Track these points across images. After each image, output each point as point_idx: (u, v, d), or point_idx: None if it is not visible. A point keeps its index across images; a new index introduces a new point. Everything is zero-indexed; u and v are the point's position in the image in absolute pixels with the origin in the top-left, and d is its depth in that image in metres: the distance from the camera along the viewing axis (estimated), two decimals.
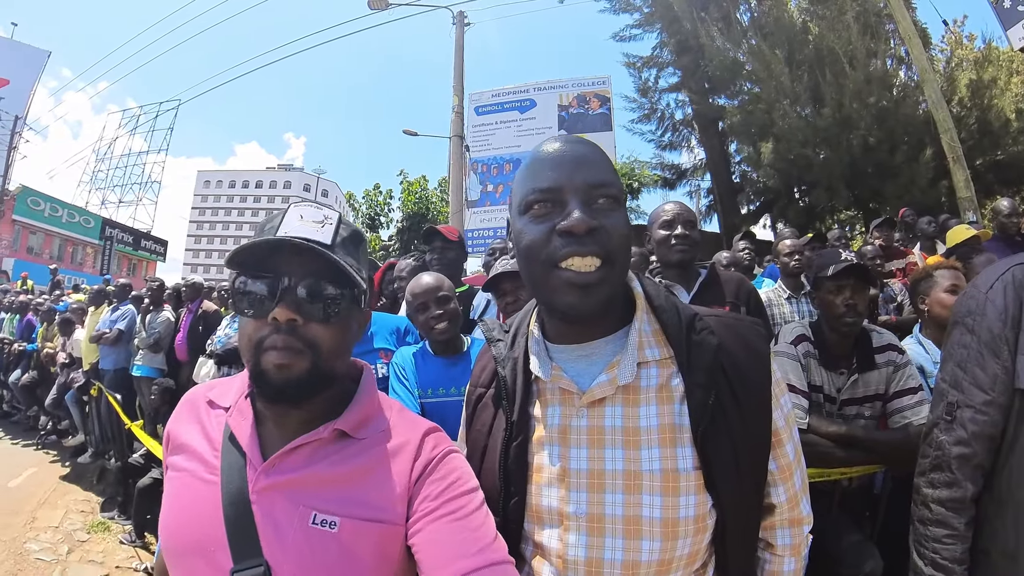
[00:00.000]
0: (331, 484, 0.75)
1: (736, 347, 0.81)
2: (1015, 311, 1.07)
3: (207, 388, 0.90)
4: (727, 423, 0.76)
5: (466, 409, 0.98)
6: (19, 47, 24.17)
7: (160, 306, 5.60)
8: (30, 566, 3.71)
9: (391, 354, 2.12)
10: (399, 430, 0.82)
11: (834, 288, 1.94)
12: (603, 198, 0.75)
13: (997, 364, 1.07)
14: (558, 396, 0.83)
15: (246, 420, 0.79)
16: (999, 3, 7.60)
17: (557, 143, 0.81)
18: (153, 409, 5.02)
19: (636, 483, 0.75)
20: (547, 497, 0.80)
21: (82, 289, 9.81)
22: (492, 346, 0.93)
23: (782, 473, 0.84)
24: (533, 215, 0.77)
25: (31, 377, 7.08)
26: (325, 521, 0.72)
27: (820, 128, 9.76)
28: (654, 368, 0.80)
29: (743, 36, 11.34)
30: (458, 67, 14.93)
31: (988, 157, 9.53)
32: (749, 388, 0.79)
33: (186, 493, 0.79)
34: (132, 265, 29.18)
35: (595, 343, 0.82)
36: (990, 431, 1.08)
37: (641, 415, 0.77)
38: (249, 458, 0.76)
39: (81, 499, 5.12)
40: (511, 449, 0.83)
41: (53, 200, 24.73)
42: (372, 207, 18.17)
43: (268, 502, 0.74)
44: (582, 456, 0.78)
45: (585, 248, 0.72)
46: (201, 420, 0.85)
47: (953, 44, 11.07)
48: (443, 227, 2.98)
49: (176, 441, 0.85)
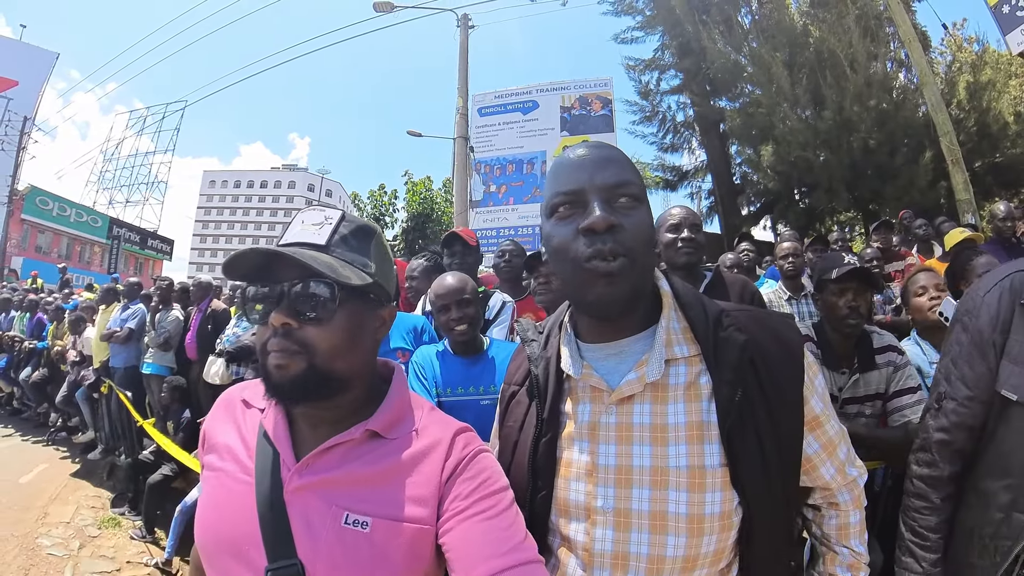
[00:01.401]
0: (364, 484, 0.76)
1: (767, 341, 0.82)
2: (1007, 317, 1.13)
3: (242, 388, 0.92)
4: (754, 420, 0.78)
5: (500, 405, 1.01)
6: (28, 49, 24.37)
7: (169, 305, 5.64)
8: (42, 561, 3.75)
9: (408, 353, 2.15)
10: (430, 430, 0.83)
11: (837, 291, 2.00)
12: (624, 197, 0.78)
13: (983, 364, 1.15)
14: (588, 393, 0.85)
15: (280, 421, 0.81)
16: (998, 8, 7.63)
17: (580, 148, 0.84)
18: (163, 407, 5.09)
19: (663, 479, 0.77)
20: (574, 491, 0.82)
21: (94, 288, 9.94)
22: (526, 346, 0.95)
23: (826, 450, 0.87)
24: (558, 217, 0.81)
25: (41, 374, 7.15)
26: (357, 521, 0.73)
27: (821, 130, 9.82)
28: (682, 365, 0.81)
29: (744, 39, 11.41)
30: (462, 69, 15.02)
31: (987, 159, 9.60)
32: (780, 383, 0.80)
33: (222, 492, 0.80)
34: (139, 264, 29.35)
35: (624, 341, 0.84)
36: (970, 423, 1.17)
37: (669, 412, 0.79)
38: (283, 458, 0.78)
39: (92, 495, 5.18)
40: (540, 444, 0.86)
41: (61, 200, 24.92)
42: (377, 207, 18.23)
43: (302, 502, 0.75)
44: (610, 452, 0.80)
45: (608, 246, 0.75)
46: (236, 420, 0.87)
47: (953, 47, 11.10)
48: (462, 231, 3.03)
49: (212, 440, 0.87)
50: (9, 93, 22.71)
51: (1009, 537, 1.09)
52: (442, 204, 17.68)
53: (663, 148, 14.32)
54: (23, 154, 22.45)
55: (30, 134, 22.91)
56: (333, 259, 0.77)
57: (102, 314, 6.38)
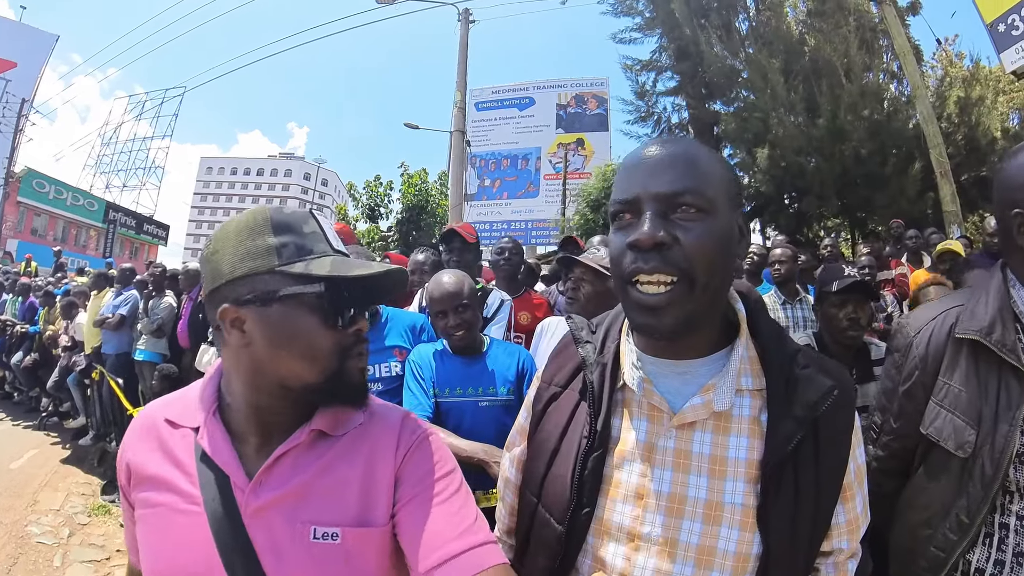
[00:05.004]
0: (323, 493, 0.73)
1: (832, 379, 0.76)
2: (935, 358, 1.12)
3: (162, 407, 0.83)
4: (802, 467, 0.73)
5: (534, 406, 0.92)
6: (27, 30, 24.17)
7: (162, 291, 5.61)
8: (31, 549, 3.72)
9: (405, 352, 2.09)
10: (375, 419, 0.81)
11: (838, 302, 2.02)
12: (685, 207, 0.70)
13: (911, 404, 1.16)
14: (645, 410, 0.78)
15: (221, 438, 0.74)
16: (994, 27, 7.71)
17: (649, 146, 0.75)
18: (155, 394, 5.02)
19: (717, 514, 0.72)
20: (619, 514, 0.76)
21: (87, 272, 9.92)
22: (579, 347, 0.86)
23: (849, 526, 0.78)
24: (617, 226, 0.75)
25: (33, 359, 7.16)
26: (327, 534, 0.71)
27: (814, 137, 9.92)
28: (747, 397, 0.75)
29: (741, 45, 11.50)
30: (462, 64, 14.98)
31: (973, 173, 9.73)
32: (832, 438, 0.75)
33: (168, 529, 0.73)
34: (134, 248, 29.32)
35: (690, 363, 0.77)
36: (901, 453, 1.21)
37: (731, 445, 0.74)
38: (233, 480, 0.72)
39: (82, 482, 5.15)
40: (590, 460, 0.78)
41: (58, 183, 24.83)
42: (372, 198, 18.24)
43: (264, 523, 0.71)
44: (665, 478, 0.75)
45: (650, 265, 0.68)
46: (164, 444, 0.78)
47: (944, 62, 11.23)
48: (461, 228, 2.92)
49: (140, 474, 0.77)
50: (8, 75, 22.51)
51: (928, 570, 1.12)
52: (437, 196, 17.72)
53: None
54: (20, 136, 22.31)
55: (28, 116, 22.75)
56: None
57: (94, 300, 6.34)
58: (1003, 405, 1.02)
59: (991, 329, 1.04)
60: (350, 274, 0.71)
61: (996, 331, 1.04)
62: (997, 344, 1.03)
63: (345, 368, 0.74)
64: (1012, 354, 1.01)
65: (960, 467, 1.06)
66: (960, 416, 1.06)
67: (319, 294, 0.72)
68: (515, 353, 2.04)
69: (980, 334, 1.05)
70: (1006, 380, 1.03)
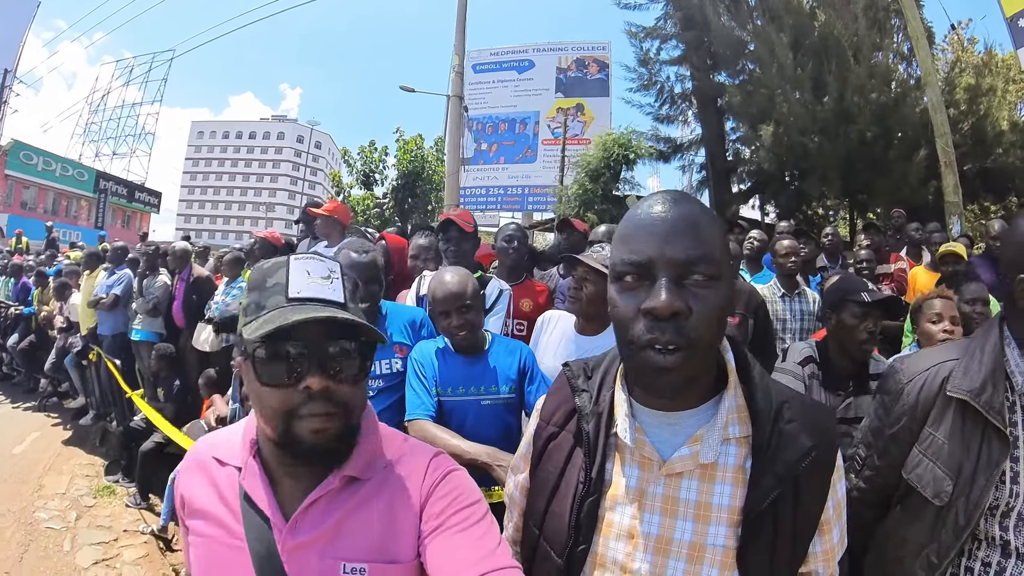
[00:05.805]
0: (352, 531, 0.79)
1: (823, 447, 0.80)
2: (924, 409, 1.17)
3: (211, 445, 0.92)
4: (781, 515, 0.77)
5: (534, 443, 0.97)
6: None
7: (156, 270, 5.51)
8: (41, 535, 3.79)
9: (406, 348, 2.10)
10: (404, 461, 0.86)
11: (860, 314, 1.95)
12: (698, 275, 0.72)
13: (895, 447, 1.22)
14: (637, 458, 0.83)
15: (260, 480, 0.81)
16: (1014, 21, 7.48)
17: (658, 203, 0.76)
18: (152, 374, 5.09)
19: (700, 555, 0.77)
20: (613, 550, 0.82)
21: (78, 246, 9.78)
22: (576, 396, 0.91)
23: (825, 555, 0.83)
24: (622, 286, 0.76)
25: (29, 341, 7.15)
26: (355, 569, 0.77)
27: (820, 117, 9.73)
28: (733, 446, 0.80)
29: (750, 16, 11.14)
30: (460, 26, 14.53)
31: (977, 164, 9.59)
32: (811, 493, 0.79)
33: (215, 560, 0.82)
34: (127, 217, 28.92)
35: (680, 414, 0.81)
36: (882, 488, 1.27)
37: (715, 492, 0.78)
38: (272, 521, 0.79)
39: (85, 463, 5.25)
40: (586, 504, 0.84)
41: (46, 154, 24.27)
42: (367, 164, 17.72)
43: (299, 559, 0.77)
44: (654, 522, 0.80)
45: (667, 336, 0.71)
46: (213, 480, 0.86)
47: (956, 47, 10.94)
48: (457, 216, 2.84)
49: (193, 506, 0.87)
50: None
51: None
52: (433, 163, 17.33)
53: (658, 118, 14.04)
54: (5, 108, 21.67)
55: (12, 87, 22.03)
56: (354, 316, 0.77)
57: (87, 280, 6.22)
58: (983, 462, 1.07)
59: (982, 390, 1.08)
60: (259, 333, 0.72)
61: (986, 392, 1.08)
62: (985, 406, 1.07)
63: (291, 430, 0.74)
64: (998, 416, 1.06)
65: (935, 514, 1.12)
66: (941, 467, 1.12)
67: (257, 354, 0.74)
68: (516, 351, 2.05)
69: (970, 395, 1.09)
70: (989, 438, 1.08)
